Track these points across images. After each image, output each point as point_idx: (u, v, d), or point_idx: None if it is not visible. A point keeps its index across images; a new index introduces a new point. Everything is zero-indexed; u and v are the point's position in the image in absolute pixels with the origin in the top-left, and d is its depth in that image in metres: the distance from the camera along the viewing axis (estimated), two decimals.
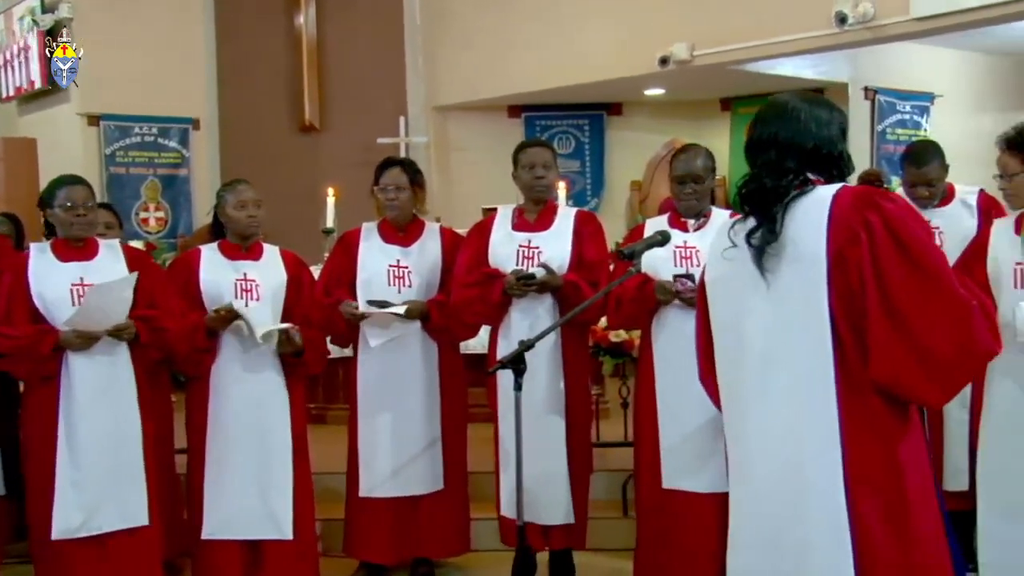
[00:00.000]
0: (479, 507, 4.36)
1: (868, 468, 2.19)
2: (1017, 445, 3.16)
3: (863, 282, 2.16)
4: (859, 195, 2.22)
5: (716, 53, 7.21)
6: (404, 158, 4.50)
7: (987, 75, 9.23)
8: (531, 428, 3.76)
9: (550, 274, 3.87)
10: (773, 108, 2.37)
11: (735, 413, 2.39)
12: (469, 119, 8.94)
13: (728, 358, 2.40)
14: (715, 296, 2.43)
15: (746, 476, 2.36)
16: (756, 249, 2.27)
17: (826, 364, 2.20)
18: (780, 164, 2.29)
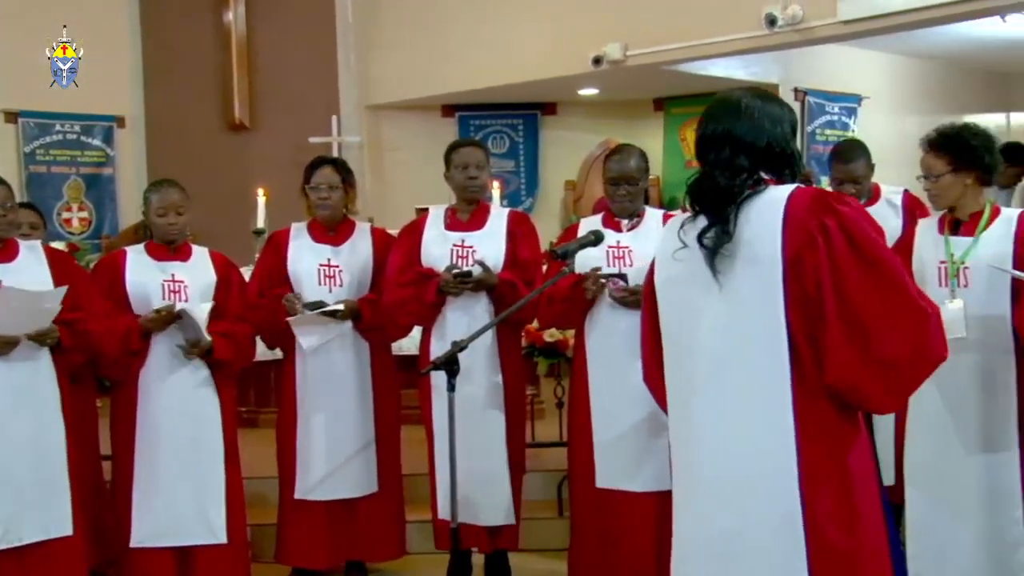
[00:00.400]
0: (413, 510, 4.34)
1: (822, 475, 2.17)
2: (942, 442, 3.24)
3: (820, 287, 2.13)
4: (815, 198, 2.19)
5: (649, 53, 7.28)
6: (335, 157, 4.46)
7: (912, 78, 9.47)
8: (469, 429, 3.77)
9: (486, 272, 3.87)
10: (725, 104, 2.31)
11: (683, 418, 2.34)
12: (402, 119, 8.89)
13: (677, 361, 2.35)
14: (665, 297, 2.37)
15: (694, 483, 2.31)
16: (709, 250, 2.22)
17: (781, 369, 2.17)
18: (733, 162, 2.24)
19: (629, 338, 3.37)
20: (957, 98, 9.78)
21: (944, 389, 3.21)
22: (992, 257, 3.18)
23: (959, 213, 3.29)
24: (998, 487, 3.19)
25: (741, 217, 2.21)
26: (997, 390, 3.18)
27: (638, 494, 3.67)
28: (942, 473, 3.26)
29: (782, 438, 2.16)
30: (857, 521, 2.18)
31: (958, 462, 3.23)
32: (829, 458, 2.18)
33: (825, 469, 2.17)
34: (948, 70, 9.72)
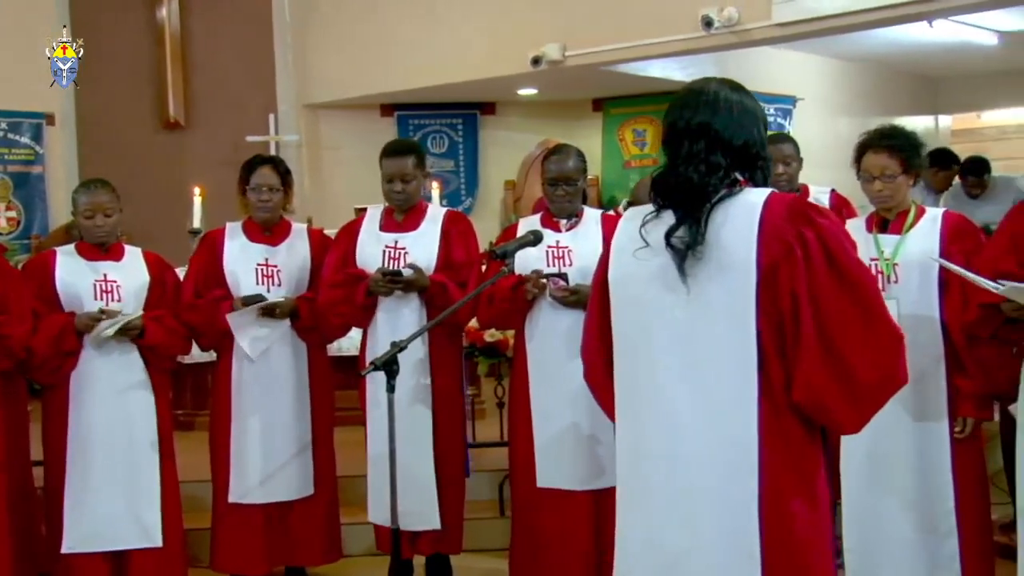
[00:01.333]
0: (350, 512, 4.32)
1: (784, 498, 2.07)
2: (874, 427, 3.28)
3: (795, 299, 2.03)
4: (793, 207, 2.08)
5: (587, 54, 7.33)
6: (273, 156, 4.40)
7: (844, 80, 9.67)
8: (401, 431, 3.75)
9: (417, 273, 3.86)
10: (702, 95, 2.15)
11: (633, 427, 2.21)
12: (341, 118, 8.82)
13: (630, 364, 2.22)
14: (620, 296, 2.23)
15: (642, 495, 2.20)
16: (678, 251, 2.09)
17: (748, 382, 2.05)
18: (709, 158, 2.10)
19: (569, 338, 3.39)
20: (887, 101, 10.02)
21: None
22: (920, 254, 3.26)
23: (889, 212, 3.37)
24: (930, 479, 3.27)
25: (714, 219, 2.08)
26: (927, 383, 3.25)
27: (577, 493, 3.69)
28: (877, 467, 3.32)
29: (744, 455, 2.05)
30: (813, 546, 2.10)
31: (891, 455, 3.30)
32: (794, 478, 2.08)
33: (788, 491, 2.07)
34: (879, 73, 9.95)
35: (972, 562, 3.25)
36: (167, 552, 3.78)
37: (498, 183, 9.28)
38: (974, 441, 3.30)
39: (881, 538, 3.32)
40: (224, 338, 4.01)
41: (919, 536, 3.27)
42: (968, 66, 9.92)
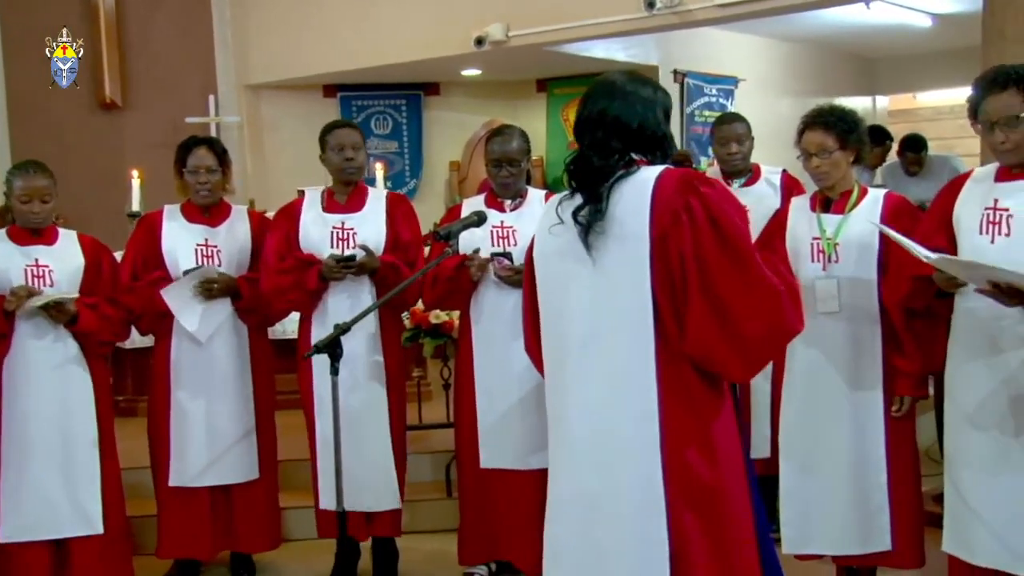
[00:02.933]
0: (291, 497, 4.29)
1: (684, 440, 2.29)
2: (812, 404, 3.38)
3: (683, 263, 2.26)
4: (680, 179, 2.29)
5: (531, 34, 7.31)
6: (210, 137, 4.33)
7: (785, 61, 9.78)
8: (353, 413, 3.74)
9: (369, 255, 3.84)
10: (602, 87, 2.42)
11: (557, 383, 2.45)
12: (283, 98, 8.70)
13: (553, 330, 2.46)
14: (541, 270, 2.49)
15: (565, 445, 2.42)
16: (583, 227, 2.33)
17: (646, 339, 2.28)
18: (606, 143, 2.35)
19: (514, 318, 3.39)
20: (827, 81, 10.16)
21: (815, 360, 3.35)
22: (861, 233, 3.31)
23: (832, 192, 3.42)
24: (865, 453, 3.34)
25: (613, 196, 2.31)
26: (864, 361, 3.32)
27: (522, 473, 3.71)
28: (813, 442, 3.39)
29: (646, 403, 2.28)
30: (719, 485, 2.30)
31: (828, 431, 3.36)
32: (691, 423, 2.30)
33: (687, 434, 2.29)
34: (819, 54, 10.08)
35: (903, 534, 3.34)
36: (109, 539, 3.73)
37: (443, 164, 9.25)
38: (907, 416, 3.38)
39: (815, 511, 3.39)
40: (162, 321, 3.95)
41: (852, 510, 3.34)
42: (904, 48, 10.11)
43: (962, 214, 3.05)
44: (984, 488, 3.02)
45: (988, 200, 2.97)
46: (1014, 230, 2.90)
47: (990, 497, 3.00)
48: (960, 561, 3.11)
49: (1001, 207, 2.94)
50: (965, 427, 3.06)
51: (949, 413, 3.13)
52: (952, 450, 3.12)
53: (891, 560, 3.39)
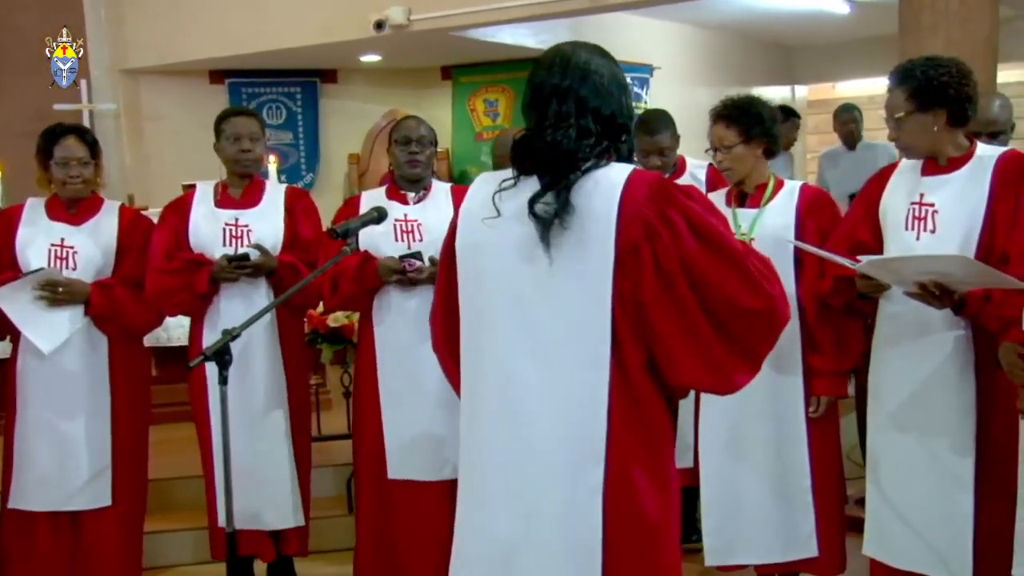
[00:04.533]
0: (186, 517, 4.20)
1: (633, 490, 2.09)
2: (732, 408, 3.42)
3: (668, 281, 2.04)
4: (654, 186, 2.07)
5: (434, 18, 7.29)
6: (78, 125, 4.18)
7: (702, 49, 9.95)
8: (249, 425, 3.68)
9: (264, 255, 3.78)
10: (569, 57, 2.15)
11: (475, 404, 2.21)
12: (165, 84, 8.50)
13: (476, 338, 2.21)
14: (469, 266, 2.21)
15: (480, 484, 2.19)
16: (543, 220, 2.06)
17: (601, 360, 2.06)
18: (579, 122, 2.10)
19: (420, 319, 3.38)
20: (745, 70, 10.37)
21: None
22: (776, 227, 3.40)
23: (746, 185, 3.49)
24: (787, 457, 3.42)
25: (580, 188, 2.07)
26: (784, 361, 3.40)
27: (431, 484, 3.70)
28: (735, 447, 3.46)
29: (590, 446, 2.06)
30: (660, 534, 2.14)
31: (750, 436, 3.44)
32: (646, 470, 2.10)
33: (638, 482, 2.09)
34: (736, 42, 10.29)
35: (827, 539, 3.44)
36: None
37: (341, 157, 9.15)
38: (830, 419, 3.47)
39: (739, 518, 3.47)
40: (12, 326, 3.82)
41: (776, 515, 3.43)
42: (822, 36, 10.38)
43: (888, 207, 3.16)
44: (907, 490, 3.13)
45: (914, 194, 3.08)
46: (939, 227, 3.01)
47: (913, 499, 3.11)
48: (881, 565, 3.22)
49: (927, 202, 3.05)
50: (889, 429, 3.17)
51: (873, 415, 3.24)
52: (876, 452, 3.23)
53: (814, 567, 3.48)
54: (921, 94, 2.98)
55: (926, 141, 3.03)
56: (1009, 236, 2.91)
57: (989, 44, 5.16)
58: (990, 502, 3.01)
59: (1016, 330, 2.72)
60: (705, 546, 3.53)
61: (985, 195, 2.97)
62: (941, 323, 3.02)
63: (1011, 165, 3.00)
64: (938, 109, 2.98)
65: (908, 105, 3.00)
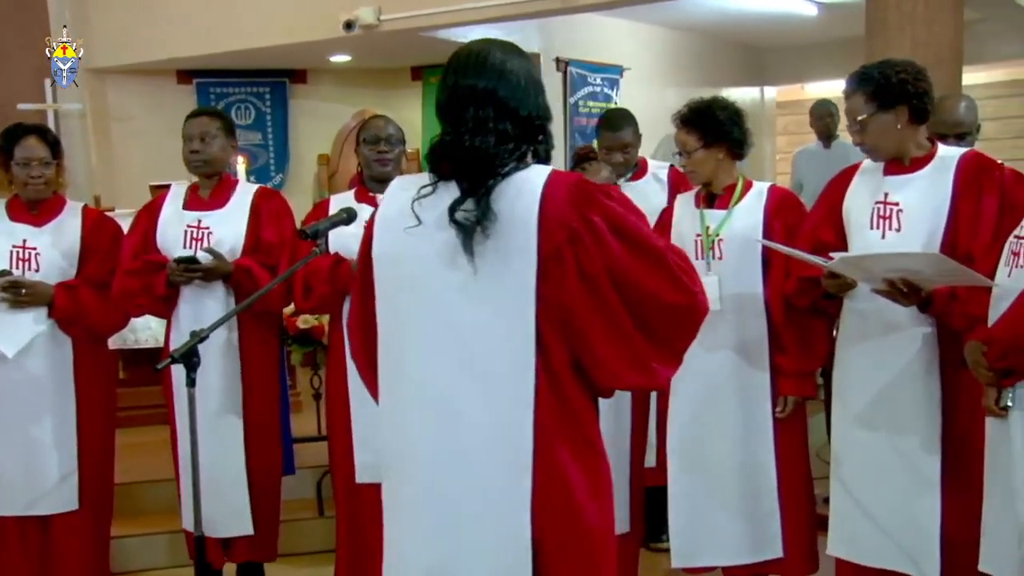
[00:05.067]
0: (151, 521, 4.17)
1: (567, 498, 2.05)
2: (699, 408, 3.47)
3: (591, 284, 2.01)
4: (575, 189, 2.03)
5: (404, 18, 7.29)
6: (39, 125, 4.15)
7: (671, 50, 10.00)
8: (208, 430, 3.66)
9: (217, 259, 3.76)
10: (484, 58, 2.10)
11: (397, 415, 2.15)
12: (132, 84, 8.44)
13: (395, 351, 2.15)
14: (387, 275, 2.16)
15: (406, 499, 2.14)
16: (465, 228, 2.02)
17: (526, 374, 2.02)
18: (498, 126, 2.05)
19: None
20: (715, 71, 10.44)
21: (701, 362, 3.43)
22: (744, 228, 3.43)
23: (714, 187, 3.52)
24: (754, 457, 3.45)
25: (501, 193, 2.03)
26: (751, 361, 3.44)
27: None
28: (701, 448, 3.49)
29: (517, 455, 2.02)
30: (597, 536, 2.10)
31: (716, 436, 3.47)
32: (573, 477, 2.05)
33: (574, 489, 2.05)
34: (706, 43, 10.35)
35: (794, 541, 3.47)
36: None
37: (311, 157, 9.13)
38: (797, 419, 3.50)
39: (706, 519, 3.49)
40: None
41: (742, 517, 3.45)
42: (791, 37, 10.47)
43: (852, 207, 3.20)
44: (874, 488, 3.17)
45: (878, 194, 3.13)
46: (904, 225, 3.06)
47: (880, 497, 3.15)
48: (847, 563, 3.26)
49: (891, 201, 3.10)
50: (854, 427, 3.20)
51: (837, 413, 3.28)
52: (840, 450, 3.26)
53: (783, 568, 3.51)
54: (881, 94, 3.05)
55: (891, 140, 3.09)
56: (973, 235, 2.98)
57: (954, 46, 5.23)
58: (955, 498, 3.05)
59: (981, 328, 2.76)
60: (672, 548, 3.55)
61: (948, 194, 3.04)
62: (906, 321, 3.06)
63: (972, 165, 3.07)
64: (899, 107, 3.05)
65: (869, 107, 3.06)
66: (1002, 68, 10.58)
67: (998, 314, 2.70)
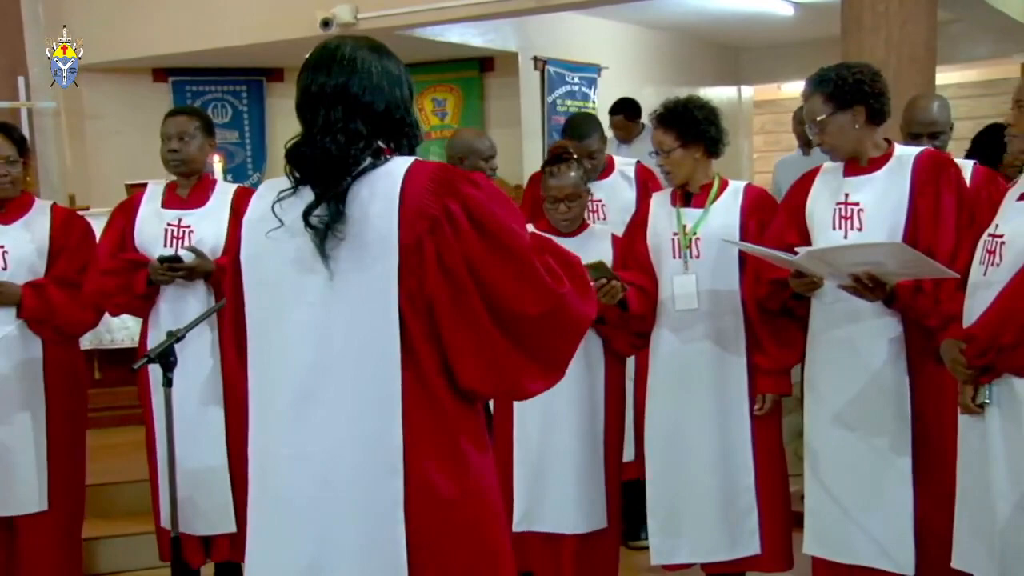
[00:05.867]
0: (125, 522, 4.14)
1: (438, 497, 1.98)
2: (677, 405, 3.48)
3: (451, 277, 1.95)
4: (435, 176, 1.98)
5: (381, 17, 7.29)
6: (4, 123, 4.11)
7: (649, 49, 10.04)
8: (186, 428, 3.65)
9: (200, 258, 3.75)
10: (333, 55, 2.05)
11: (266, 428, 2.08)
12: (107, 82, 8.39)
13: (262, 357, 2.09)
14: (252, 278, 2.10)
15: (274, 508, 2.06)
16: (318, 231, 1.97)
17: (391, 371, 1.95)
18: (349, 126, 2.00)
19: None
20: (692, 70, 10.49)
21: (679, 360, 3.46)
22: (721, 227, 3.45)
23: (690, 186, 3.54)
24: (731, 455, 3.47)
25: (355, 193, 1.98)
26: (728, 359, 3.45)
27: None
28: (679, 445, 3.50)
29: (387, 454, 1.96)
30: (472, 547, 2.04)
31: (693, 433, 3.48)
32: (448, 473, 2.00)
33: (442, 488, 1.99)
34: (683, 42, 10.39)
35: (771, 537, 3.49)
36: None
37: None
38: (772, 416, 3.52)
39: (684, 517, 3.50)
40: None
41: (720, 514, 3.47)
42: (767, 37, 10.53)
43: (815, 209, 3.26)
44: (848, 485, 3.20)
45: (839, 195, 3.20)
46: (866, 224, 3.12)
47: (853, 494, 3.18)
48: (823, 561, 3.29)
49: (852, 201, 3.16)
50: (826, 424, 3.24)
51: (810, 411, 3.31)
52: (814, 447, 3.29)
53: (760, 564, 3.53)
54: (839, 94, 3.11)
55: (850, 140, 3.14)
56: (933, 231, 3.04)
57: (928, 46, 5.28)
58: (927, 494, 3.09)
59: (956, 326, 2.79)
60: (651, 545, 3.57)
61: (906, 192, 3.10)
62: (874, 319, 3.10)
63: (929, 164, 3.13)
64: (857, 106, 3.11)
65: (827, 107, 3.12)
66: (975, 68, 10.70)
67: (973, 312, 2.73)
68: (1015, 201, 2.76)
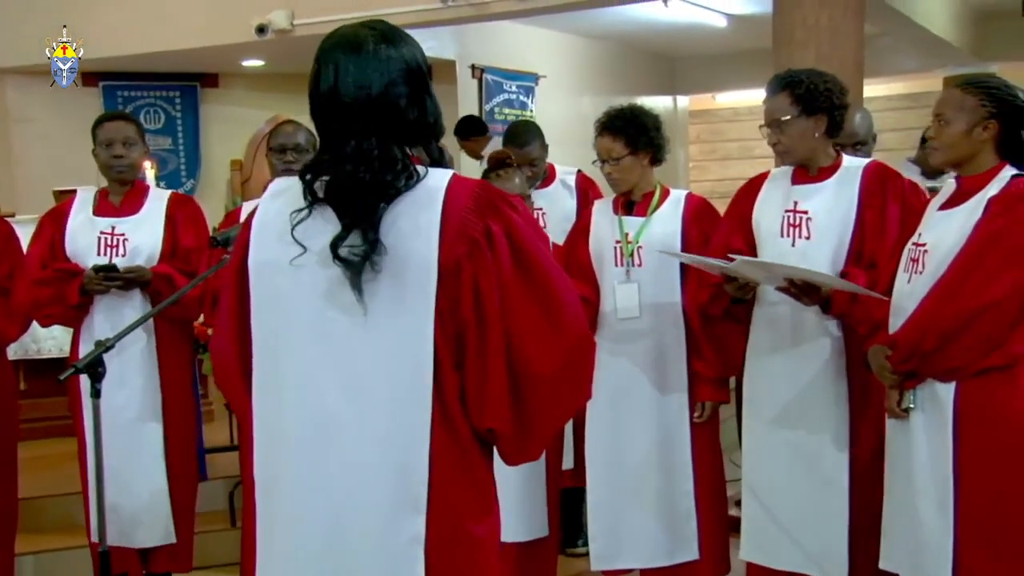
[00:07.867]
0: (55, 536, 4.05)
1: (455, 542, 1.85)
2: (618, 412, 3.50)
3: (480, 302, 1.79)
4: (479, 196, 1.82)
5: (318, 23, 7.21)
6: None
7: (586, 58, 10.11)
8: (123, 440, 3.58)
9: (136, 267, 3.69)
10: (361, 48, 1.84)
11: (275, 444, 1.92)
12: (34, 86, 8.16)
13: (275, 366, 1.89)
14: (265, 285, 1.89)
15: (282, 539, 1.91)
16: (351, 264, 1.77)
17: (422, 401, 1.80)
18: (386, 152, 1.80)
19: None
20: (629, 80, 10.58)
21: (620, 368, 3.48)
22: (662, 235, 3.47)
23: (633, 194, 3.56)
24: (671, 460, 3.49)
25: (391, 218, 1.79)
26: (669, 366, 3.48)
27: None
28: (620, 452, 3.52)
29: (409, 492, 1.81)
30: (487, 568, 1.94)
31: (634, 439, 3.50)
32: (469, 520, 1.88)
33: (463, 532, 1.87)
34: (620, 52, 10.48)
35: (709, 540, 3.52)
36: None
37: (223, 163, 8.97)
38: (711, 423, 3.56)
39: (623, 523, 3.52)
40: None
41: (659, 519, 3.50)
42: (702, 47, 10.67)
43: (762, 216, 3.28)
44: (783, 492, 3.24)
45: (788, 202, 3.22)
46: (814, 233, 3.16)
47: (788, 501, 3.22)
48: (758, 567, 3.32)
49: (800, 209, 3.19)
50: (762, 430, 3.28)
51: (747, 417, 3.35)
52: (751, 456, 3.33)
53: (698, 570, 3.55)
54: (807, 99, 3.14)
55: (806, 146, 3.18)
56: (879, 242, 3.09)
57: (856, 59, 5.39)
58: (861, 500, 3.13)
59: (883, 333, 2.85)
60: (591, 551, 3.58)
61: (854, 202, 3.14)
62: (814, 327, 3.15)
63: (876, 175, 3.18)
64: (820, 115, 3.15)
65: (793, 109, 3.15)
66: (901, 81, 10.95)
67: (898, 319, 2.79)
68: (936, 211, 2.83)
